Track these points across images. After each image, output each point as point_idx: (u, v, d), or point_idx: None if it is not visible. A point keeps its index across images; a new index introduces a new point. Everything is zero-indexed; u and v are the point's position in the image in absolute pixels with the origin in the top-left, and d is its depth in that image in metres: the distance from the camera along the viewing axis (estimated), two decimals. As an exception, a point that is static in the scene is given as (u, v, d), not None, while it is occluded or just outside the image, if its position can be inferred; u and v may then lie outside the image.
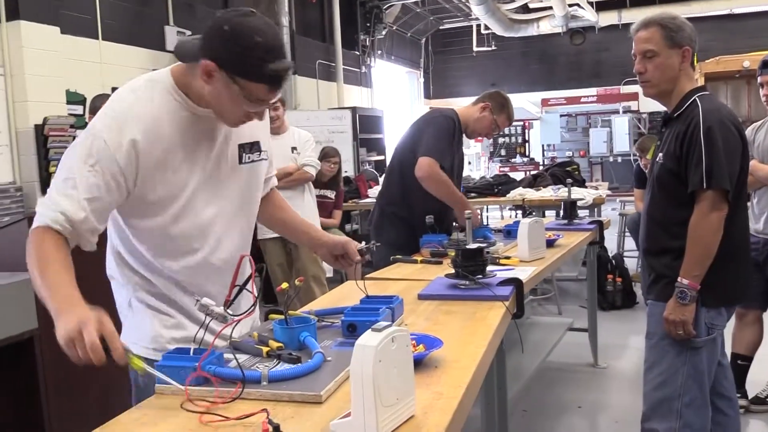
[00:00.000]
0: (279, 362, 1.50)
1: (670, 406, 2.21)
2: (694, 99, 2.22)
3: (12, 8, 5.19)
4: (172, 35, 7.06)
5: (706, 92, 2.26)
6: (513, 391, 3.16)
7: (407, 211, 3.29)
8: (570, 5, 12.19)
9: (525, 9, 13.57)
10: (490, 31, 14.15)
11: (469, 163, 14.16)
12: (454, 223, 3.31)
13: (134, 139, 1.55)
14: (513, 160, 14.03)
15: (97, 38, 6.08)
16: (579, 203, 5.32)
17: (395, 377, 1.18)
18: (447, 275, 2.31)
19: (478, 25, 14.53)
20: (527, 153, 14.60)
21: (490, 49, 15.06)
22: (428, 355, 1.55)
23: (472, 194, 6.00)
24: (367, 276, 2.97)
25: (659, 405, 2.24)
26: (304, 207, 4.84)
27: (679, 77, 2.26)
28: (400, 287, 2.40)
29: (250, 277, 1.52)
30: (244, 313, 1.46)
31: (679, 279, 2.19)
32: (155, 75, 1.67)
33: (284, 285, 1.68)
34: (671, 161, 2.23)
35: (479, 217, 3.49)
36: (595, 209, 5.69)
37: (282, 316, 1.69)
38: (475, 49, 15.18)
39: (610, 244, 6.41)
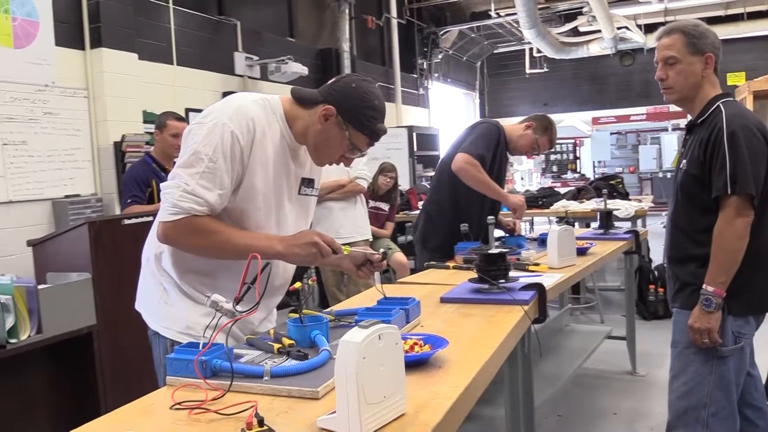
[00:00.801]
0: (287, 359, 1.44)
1: (696, 415, 2.03)
2: (718, 105, 2.05)
3: (95, 37, 5.36)
4: (240, 60, 7.18)
5: (731, 98, 2.09)
6: (545, 395, 3.01)
7: (454, 217, 3.18)
8: (618, 28, 11.82)
9: (575, 32, 13.26)
10: (542, 54, 13.88)
11: (522, 178, 13.89)
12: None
13: (253, 142, 1.65)
14: (564, 176, 13.69)
15: (171, 63, 6.21)
16: (621, 215, 5.11)
17: (382, 375, 1.10)
18: (470, 279, 2.21)
19: (531, 49, 14.28)
20: (578, 169, 14.23)
21: (542, 71, 14.78)
22: (433, 354, 1.45)
23: (517, 206, 5.83)
24: (399, 280, 2.90)
25: (684, 414, 2.06)
26: (356, 216, 4.83)
27: (701, 84, 2.10)
28: (427, 291, 2.31)
29: (257, 277, 1.46)
30: (248, 310, 1.40)
31: (704, 286, 2.02)
32: (269, 98, 1.76)
33: (297, 285, 1.62)
34: (695, 167, 2.06)
35: (520, 228, 3.33)
36: (638, 221, 5.44)
37: (316, 313, 1.66)
38: (528, 71, 14.92)
39: (656, 256, 6.12)
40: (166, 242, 1.65)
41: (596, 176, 12.83)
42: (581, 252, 2.99)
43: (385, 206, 5.89)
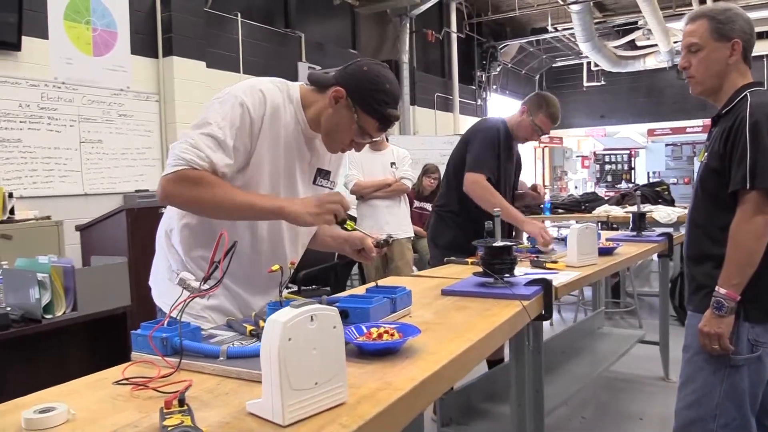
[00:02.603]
0: (256, 341, 1.31)
1: (703, 426, 1.75)
2: (745, 94, 1.77)
3: (167, 46, 5.46)
4: (303, 70, 7.16)
5: (761, 87, 1.80)
6: (565, 396, 2.78)
7: (464, 215, 3.00)
8: (675, 42, 11.19)
9: (632, 46, 12.68)
10: (599, 68, 13.36)
11: (576, 187, 13.37)
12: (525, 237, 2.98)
13: (264, 117, 1.54)
14: (618, 185, 13.06)
15: (238, 71, 6.26)
16: (663, 220, 4.76)
17: (313, 359, 0.95)
18: (474, 273, 2.02)
19: (588, 63, 13.76)
20: (633, 179, 13.55)
21: (599, 84, 14.20)
22: (404, 343, 1.29)
23: (560, 210, 5.54)
24: (414, 273, 2.73)
25: (691, 425, 1.78)
26: (400, 215, 4.74)
27: (727, 73, 1.81)
28: (435, 283, 2.13)
29: (232, 249, 1.34)
30: (209, 288, 1.27)
31: (716, 288, 1.75)
32: (289, 83, 1.65)
33: (275, 267, 1.49)
34: (715, 160, 1.78)
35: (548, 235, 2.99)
36: (680, 227, 5.04)
37: (296, 297, 1.52)
38: (585, 84, 14.38)
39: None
40: (164, 197, 1.49)
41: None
42: (606, 252, 2.74)
43: (429, 207, 5.72)
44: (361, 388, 1.07)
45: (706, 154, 1.87)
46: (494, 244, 1.93)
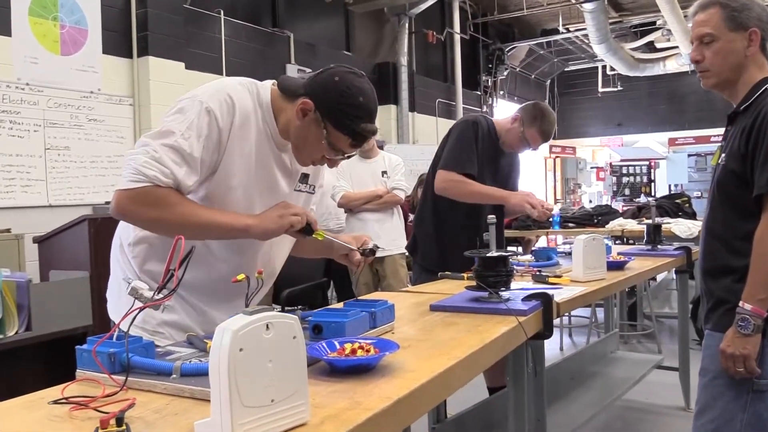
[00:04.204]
0: (217, 358, 1.28)
1: None
2: (766, 88, 1.75)
3: (142, 46, 5.48)
4: (293, 72, 7.19)
5: None
6: (573, 426, 2.73)
7: (439, 230, 2.94)
8: (698, 42, 11.25)
9: (651, 48, 12.74)
10: (615, 72, 13.43)
11: (590, 201, 13.37)
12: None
13: (232, 126, 1.52)
14: (637, 199, 13.05)
15: (220, 74, 6.28)
16: (682, 234, 4.73)
17: (269, 373, 0.92)
18: (467, 287, 2.00)
19: (604, 67, 13.84)
20: (653, 192, 13.56)
21: (615, 89, 14.28)
22: (380, 359, 1.26)
23: (570, 224, 5.52)
24: (403, 289, 2.70)
25: None
26: (393, 229, 4.70)
27: (745, 65, 1.80)
28: (424, 299, 2.10)
29: (188, 256, 1.32)
30: (161, 298, 1.25)
31: (740, 303, 1.71)
32: (259, 84, 1.64)
33: (240, 276, 1.46)
34: (735, 161, 1.76)
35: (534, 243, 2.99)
36: (702, 242, 5.02)
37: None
38: (600, 89, 14.45)
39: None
40: (121, 214, 1.48)
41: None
42: (617, 266, 2.71)
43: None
44: (327, 407, 1.04)
45: (723, 155, 1.85)
46: (488, 255, 1.90)
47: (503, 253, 1.91)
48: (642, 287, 5.19)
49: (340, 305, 1.76)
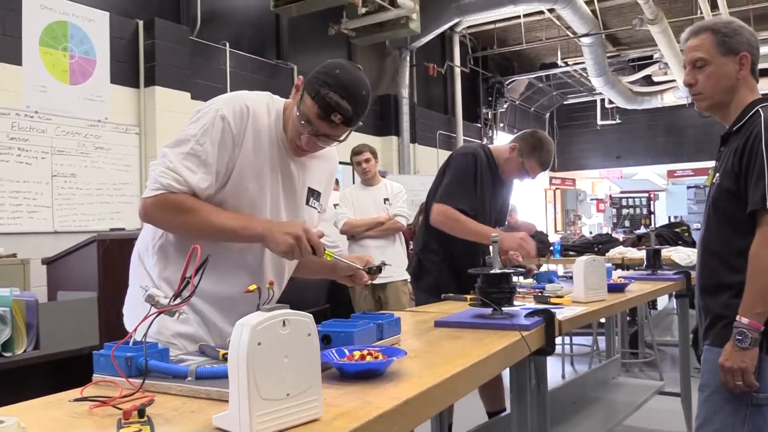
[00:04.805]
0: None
1: None
2: (757, 109, 1.83)
3: (149, 76, 5.59)
4: (295, 103, 7.31)
5: None
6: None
7: (442, 255, 2.97)
8: (695, 76, 11.42)
9: (648, 81, 12.93)
10: (614, 105, 13.59)
11: (591, 232, 13.41)
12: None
13: (246, 130, 1.60)
14: (637, 230, 13.10)
15: (225, 104, 6.38)
16: (682, 262, 4.77)
17: (286, 368, 0.96)
18: (471, 305, 2.04)
19: (602, 100, 14.01)
20: (652, 224, 13.61)
21: (614, 122, 14.43)
22: (389, 365, 1.30)
23: (571, 253, 5.56)
24: (408, 309, 2.74)
25: None
26: (395, 255, 4.72)
27: (736, 87, 1.88)
28: (429, 317, 2.15)
29: (204, 265, 1.37)
30: (176, 305, 1.29)
31: (737, 318, 1.76)
32: (276, 97, 1.74)
33: (252, 287, 1.51)
34: (729, 180, 1.83)
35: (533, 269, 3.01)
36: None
37: None
38: (599, 122, 14.61)
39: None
40: (146, 219, 1.62)
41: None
42: (617, 288, 2.75)
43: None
44: (339, 406, 1.08)
45: (717, 174, 1.91)
46: (491, 272, 1.95)
47: (506, 270, 1.96)
48: (643, 315, 5.22)
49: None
